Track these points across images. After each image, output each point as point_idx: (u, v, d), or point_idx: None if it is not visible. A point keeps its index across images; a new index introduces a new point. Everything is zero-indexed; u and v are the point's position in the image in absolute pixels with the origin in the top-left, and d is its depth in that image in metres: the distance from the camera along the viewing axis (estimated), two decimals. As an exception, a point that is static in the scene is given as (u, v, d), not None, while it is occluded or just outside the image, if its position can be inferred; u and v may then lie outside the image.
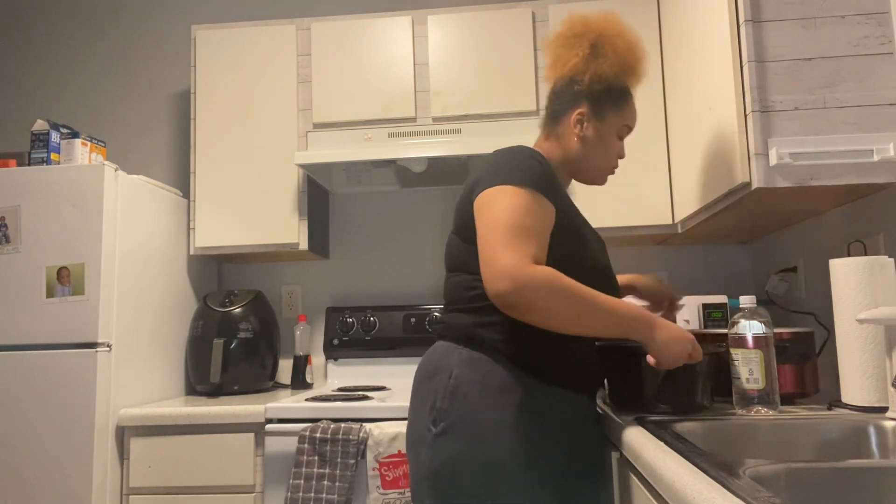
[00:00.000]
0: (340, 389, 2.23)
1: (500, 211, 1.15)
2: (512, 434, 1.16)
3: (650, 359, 1.20)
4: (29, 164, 2.08)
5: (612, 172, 1.41)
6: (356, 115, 2.28)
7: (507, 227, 1.13)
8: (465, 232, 1.28)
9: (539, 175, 1.21)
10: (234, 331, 2.22)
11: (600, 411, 1.40)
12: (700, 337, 1.54)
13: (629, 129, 1.39)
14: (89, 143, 2.15)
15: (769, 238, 2.14)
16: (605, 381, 1.46)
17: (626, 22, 1.40)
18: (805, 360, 1.44)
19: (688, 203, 1.93)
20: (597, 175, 1.39)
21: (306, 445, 1.77)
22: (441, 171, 2.38)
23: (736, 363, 1.32)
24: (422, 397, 1.25)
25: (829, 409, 1.31)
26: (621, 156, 1.40)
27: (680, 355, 1.18)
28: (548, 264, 1.19)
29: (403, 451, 1.74)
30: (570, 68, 1.36)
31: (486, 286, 1.11)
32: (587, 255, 1.27)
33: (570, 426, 1.24)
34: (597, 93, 1.35)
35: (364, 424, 1.78)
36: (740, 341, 1.31)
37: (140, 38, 2.78)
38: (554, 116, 1.38)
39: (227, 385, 2.20)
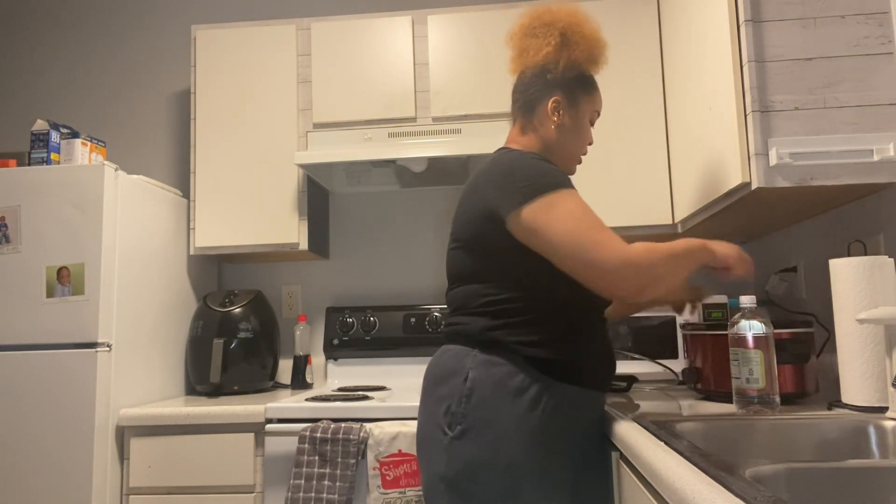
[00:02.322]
0: (340, 389, 2.23)
1: (567, 216, 1.16)
2: (529, 435, 1.16)
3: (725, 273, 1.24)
4: (29, 164, 2.08)
5: (580, 161, 1.44)
6: (356, 115, 2.28)
7: (587, 228, 1.14)
8: (476, 244, 1.27)
9: (561, 174, 1.24)
10: (234, 331, 2.22)
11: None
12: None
13: (598, 114, 1.42)
14: (89, 143, 2.15)
15: (769, 238, 2.14)
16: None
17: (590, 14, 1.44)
18: (805, 360, 1.44)
19: (688, 203, 1.93)
20: (570, 163, 1.41)
21: (306, 445, 1.77)
22: (441, 171, 2.38)
23: (736, 363, 1.32)
24: (435, 400, 1.24)
25: (829, 409, 1.31)
26: (591, 142, 1.43)
27: (737, 257, 1.23)
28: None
29: (404, 450, 1.74)
30: (543, 57, 1.36)
31: (609, 286, 1.12)
32: None
33: (585, 423, 1.24)
34: (570, 80, 1.37)
35: (364, 424, 1.78)
36: (740, 341, 1.31)
37: (140, 38, 2.78)
38: (527, 107, 1.38)
39: (227, 385, 2.20)
